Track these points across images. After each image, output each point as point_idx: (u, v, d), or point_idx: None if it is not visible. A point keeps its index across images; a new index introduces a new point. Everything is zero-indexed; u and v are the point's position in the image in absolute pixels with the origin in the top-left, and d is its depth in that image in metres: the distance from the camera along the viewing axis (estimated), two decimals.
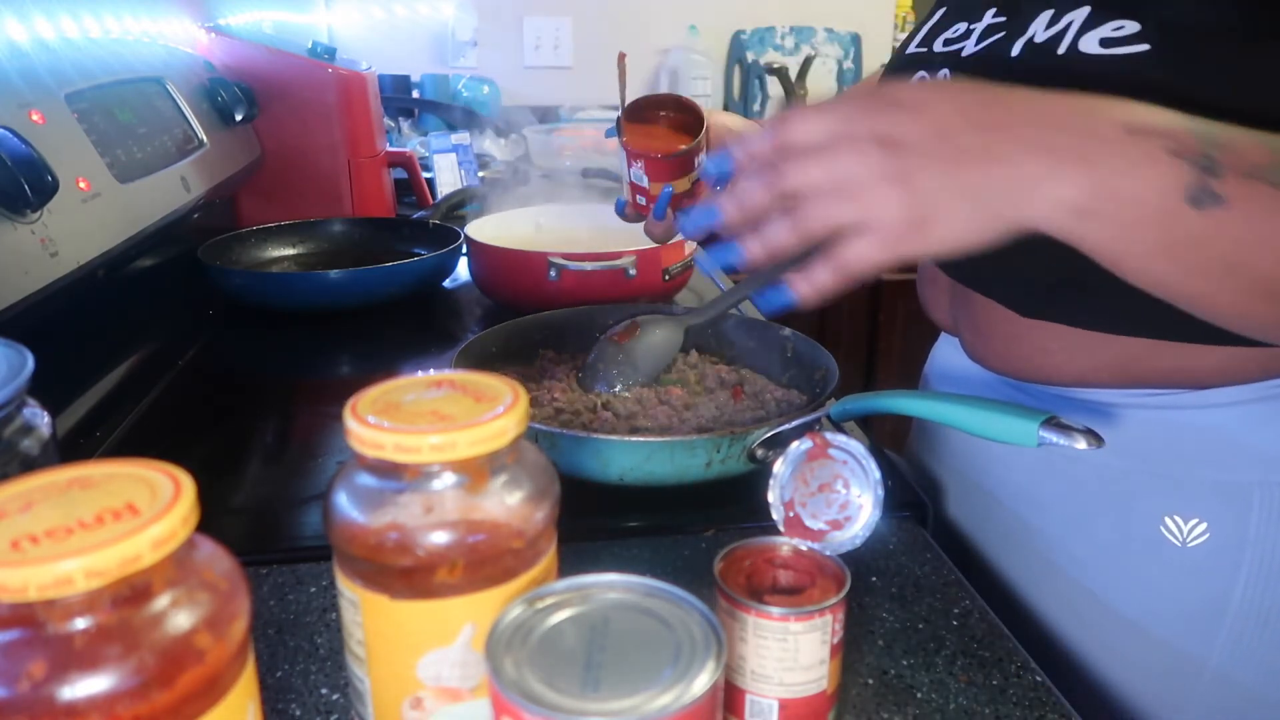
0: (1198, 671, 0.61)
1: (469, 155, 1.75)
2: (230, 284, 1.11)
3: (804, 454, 0.51)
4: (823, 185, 0.47)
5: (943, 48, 0.66)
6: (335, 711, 0.49)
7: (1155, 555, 0.60)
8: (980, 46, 0.62)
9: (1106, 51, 0.53)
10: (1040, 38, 0.57)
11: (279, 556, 0.62)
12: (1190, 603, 0.60)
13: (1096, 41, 0.53)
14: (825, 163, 0.47)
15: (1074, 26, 0.55)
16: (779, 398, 0.78)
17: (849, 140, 0.47)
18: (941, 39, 0.67)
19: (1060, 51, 0.55)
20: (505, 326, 0.87)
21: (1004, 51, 0.59)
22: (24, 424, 0.44)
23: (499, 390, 0.39)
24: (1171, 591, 0.61)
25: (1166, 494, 0.60)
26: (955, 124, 0.46)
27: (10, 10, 0.81)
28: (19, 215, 0.69)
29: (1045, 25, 0.57)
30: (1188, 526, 0.59)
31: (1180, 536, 0.59)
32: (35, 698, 0.28)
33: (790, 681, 0.44)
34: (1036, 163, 0.45)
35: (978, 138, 0.46)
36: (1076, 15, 0.55)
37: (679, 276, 1.09)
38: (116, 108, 0.93)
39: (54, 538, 0.28)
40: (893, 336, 2.32)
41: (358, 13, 2.53)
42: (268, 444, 0.84)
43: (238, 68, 1.33)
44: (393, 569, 0.37)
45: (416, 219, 1.40)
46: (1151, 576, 0.61)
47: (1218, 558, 0.59)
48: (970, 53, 0.63)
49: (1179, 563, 0.59)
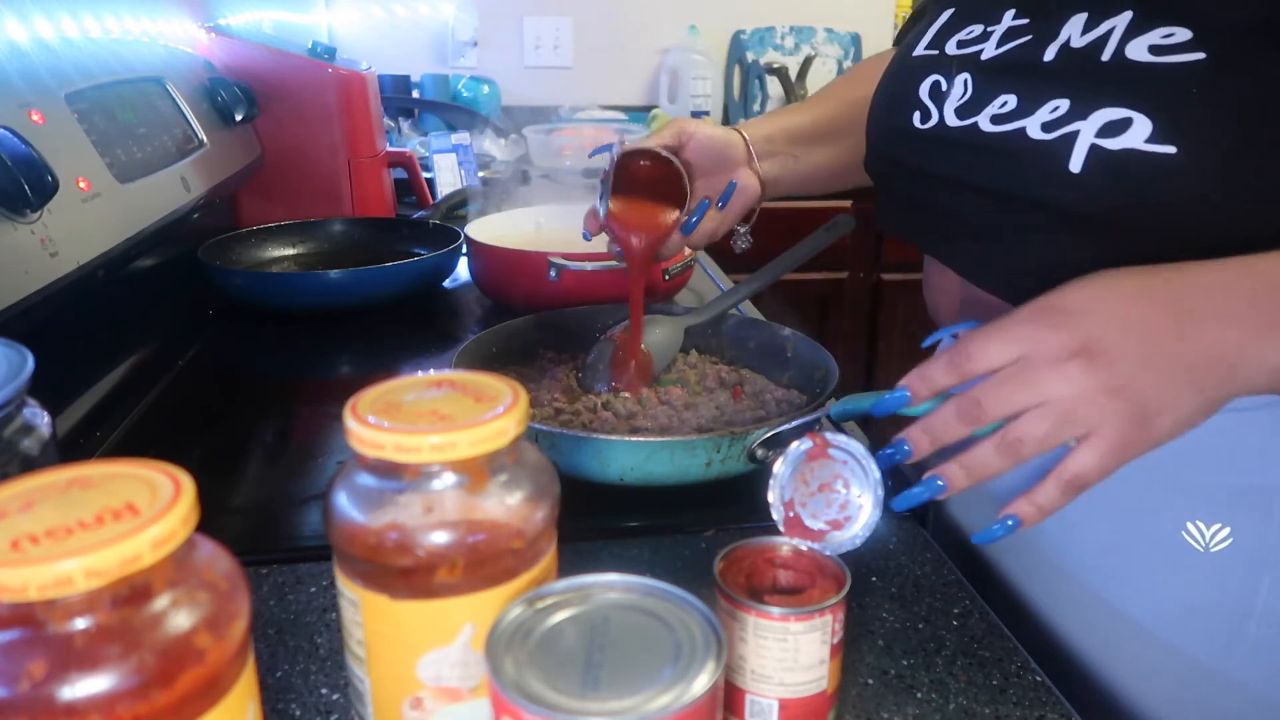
0: (1216, 679, 0.59)
1: (469, 155, 1.75)
2: (230, 284, 1.11)
3: (804, 454, 0.51)
4: (1029, 409, 0.47)
5: (957, 50, 0.64)
6: (335, 711, 0.49)
7: (1174, 560, 0.59)
8: (1003, 50, 0.60)
9: (1159, 60, 0.51)
10: (1077, 42, 0.55)
11: (279, 556, 0.62)
12: (1211, 609, 0.59)
13: (1146, 49, 0.51)
14: (1026, 387, 0.47)
15: (1117, 32, 0.53)
16: (779, 398, 0.78)
17: (1043, 359, 0.47)
18: (954, 41, 0.65)
19: (1105, 58, 0.53)
20: (505, 326, 0.87)
21: (1033, 56, 0.57)
22: (24, 424, 0.44)
23: (499, 390, 0.39)
24: (1191, 597, 0.59)
25: (1188, 499, 0.58)
26: (1139, 314, 0.46)
27: (10, 10, 0.81)
28: (19, 215, 0.69)
29: (1081, 30, 0.55)
30: (1210, 531, 0.58)
31: (1203, 542, 0.58)
32: (35, 698, 0.28)
33: (790, 681, 0.44)
34: (1239, 336, 0.46)
35: (1170, 321, 0.46)
36: (1118, 21, 0.53)
37: (679, 276, 1.09)
38: (116, 108, 0.93)
39: (54, 538, 0.28)
40: (893, 336, 2.32)
41: (358, 13, 2.53)
42: (268, 444, 0.84)
43: (238, 68, 1.33)
44: (393, 569, 0.37)
45: (416, 219, 1.40)
46: (1169, 581, 0.60)
47: (1241, 563, 0.57)
48: (992, 56, 0.61)
49: (1200, 568, 0.58)
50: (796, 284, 2.08)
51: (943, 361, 0.50)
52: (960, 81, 0.62)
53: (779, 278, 0.86)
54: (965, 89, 0.61)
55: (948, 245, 0.66)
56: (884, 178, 0.72)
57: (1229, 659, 0.58)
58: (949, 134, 0.61)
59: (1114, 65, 0.52)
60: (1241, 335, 0.46)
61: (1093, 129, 0.52)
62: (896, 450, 0.51)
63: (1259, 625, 0.57)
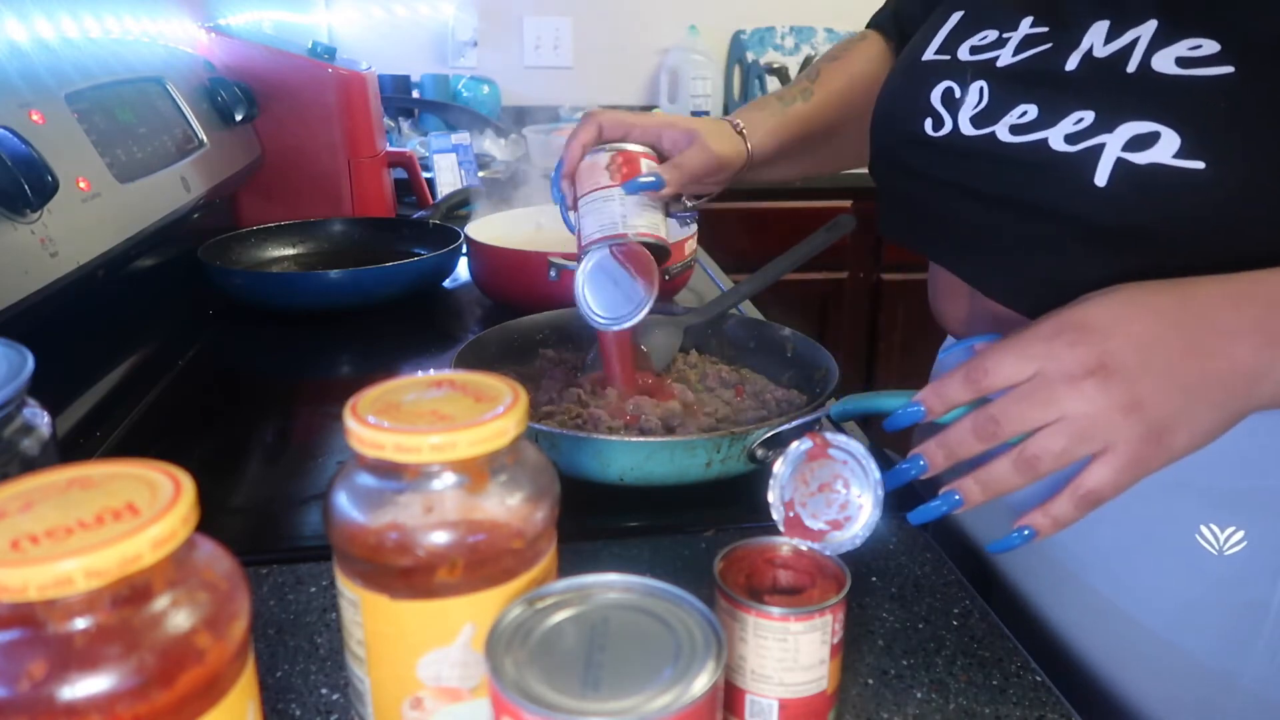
0: (1224, 681, 0.59)
1: (469, 155, 1.75)
2: (230, 284, 1.11)
3: (804, 454, 0.51)
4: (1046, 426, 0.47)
5: (970, 56, 0.63)
6: (335, 711, 0.49)
7: (1187, 563, 0.58)
8: (1021, 57, 0.59)
9: (1186, 73, 0.50)
10: (1100, 52, 0.54)
11: (279, 556, 0.62)
12: (1225, 612, 0.58)
13: (1173, 61, 0.50)
14: (1042, 404, 0.47)
15: (1142, 42, 0.52)
16: (779, 398, 0.78)
17: (1059, 377, 0.47)
18: (967, 46, 0.64)
19: (1130, 69, 0.52)
20: (505, 326, 0.87)
21: (1054, 65, 0.56)
22: (24, 424, 0.44)
23: (499, 390, 0.39)
24: (1204, 600, 0.59)
25: (1202, 502, 0.58)
26: (1154, 331, 0.46)
27: (10, 10, 0.81)
28: (19, 215, 0.69)
29: (1104, 39, 0.54)
30: (1224, 534, 0.57)
31: (1217, 545, 0.57)
32: (35, 698, 0.28)
33: (790, 681, 0.44)
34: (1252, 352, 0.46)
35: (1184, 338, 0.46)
36: (1143, 30, 0.52)
37: (679, 276, 1.09)
38: (116, 108, 0.93)
39: (54, 538, 0.28)
40: (893, 336, 2.32)
41: (358, 13, 2.53)
42: (268, 444, 0.84)
43: (238, 68, 1.33)
44: (393, 569, 0.37)
45: (416, 219, 1.40)
46: (1180, 584, 0.59)
47: (1256, 566, 0.57)
48: (1008, 63, 0.59)
49: (1214, 571, 0.57)
50: (796, 284, 2.08)
51: (959, 377, 0.50)
52: (975, 89, 0.61)
53: (779, 278, 0.86)
54: (981, 97, 0.60)
55: (958, 254, 0.65)
56: (889, 184, 0.71)
57: (1240, 661, 0.58)
58: (964, 143, 0.61)
59: (1140, 77, 0.51)
60: (1254, 351, 0.46)
61: (1119, 142, 0.51)
62: (912, 465, 0.51)
63: (1273, 628, 0.57)
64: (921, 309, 0.78)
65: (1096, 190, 0.52)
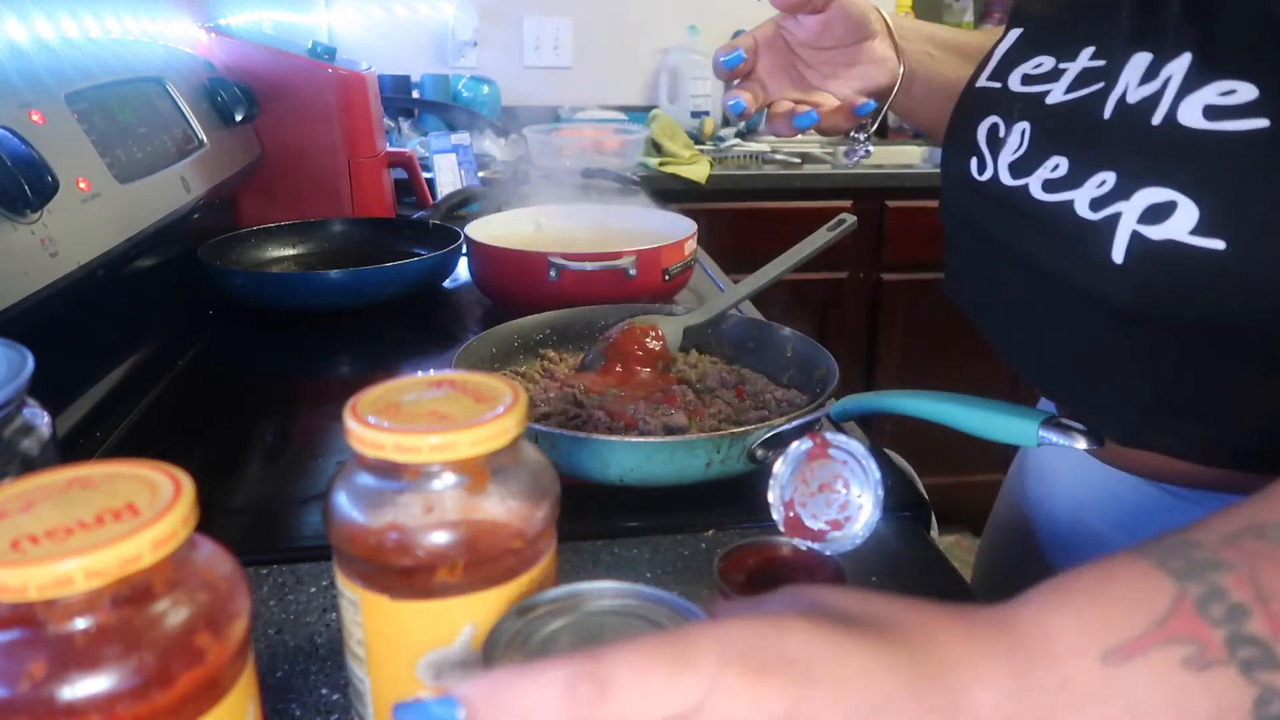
0: None
1: (469, 155, 1.75)
2: (230, 284, 1.11)
3: (804, 454, 0.51)
4: None
5: (1021, 87, 0.56)
6: (335, 711, 0.49)
7: None
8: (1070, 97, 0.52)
9: (1213, 126, 0.43)
10: (1133, 96, 0.47)
11: (279, 556, 0.62)
12: None
13: (1200, 111, 0.44)
14: None
15: (1173, 84, 0.45)
16: (779, 398, 0.78)
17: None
18: (1019, 74, 0.57)
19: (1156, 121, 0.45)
20: (505, 326, 0.87)
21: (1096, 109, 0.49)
22: (24, 424, 0.44)
23: (499, 390, 0.39)
24: None
25: None
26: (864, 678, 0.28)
27: (10, 10, 0.81)
28: (19, 215, 0.69)
29: (1140, 78, 0.48)
30: None
31: None
32: (35, 698, 0.28)
33: None
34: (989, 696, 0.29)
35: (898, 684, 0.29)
36: (1175, 68, 0.46)
37: (679, 276, 1.09)
38: (116, 108, 0.93)
39: (54, 538, 0.28)
40: (893, 336, 2.32)
41: (358, 13, 2.53)
42: (268, 444, 0.84)
43: (238, 68, 1.33)
44: (393, 569, 0.37)
45: (416, 219, 1.40)
46: None
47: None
48: (1057, 101, 0.53)
49: None
50: (796, 284, 2.07)
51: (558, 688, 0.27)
52: (1018, 131, 0.55)
53: (779, 278, 0.86)
54: (1021, 141, 0.54)
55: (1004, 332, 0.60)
56: (954, 232, 0.65)
57: None
58: (1003, 193, 0.55)
59: (1163, 131, 0.45)
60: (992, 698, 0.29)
61: (1135, 212, 0.45)
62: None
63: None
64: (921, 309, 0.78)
65: (1115, 267, 0.46)
